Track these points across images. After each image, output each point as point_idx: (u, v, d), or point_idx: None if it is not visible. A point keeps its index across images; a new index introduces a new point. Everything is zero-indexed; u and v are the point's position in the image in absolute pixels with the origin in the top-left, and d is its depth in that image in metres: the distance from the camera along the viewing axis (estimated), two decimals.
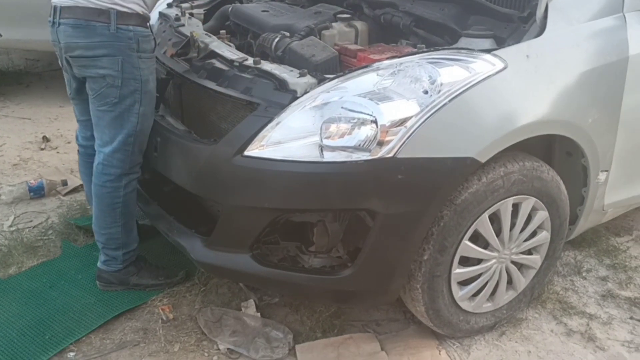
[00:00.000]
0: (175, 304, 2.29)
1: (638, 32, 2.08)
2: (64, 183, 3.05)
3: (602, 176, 2.21)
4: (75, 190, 3.06)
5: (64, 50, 2.06)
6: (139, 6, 2.01)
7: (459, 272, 2.00)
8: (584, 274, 2.55)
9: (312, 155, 1.79)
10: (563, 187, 2.11)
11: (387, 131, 1.74)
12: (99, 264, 2.31)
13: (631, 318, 2.31)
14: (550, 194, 2.06)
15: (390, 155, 1.74)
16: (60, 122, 3.93)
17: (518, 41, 1.93)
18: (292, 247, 1.99)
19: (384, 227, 1.81)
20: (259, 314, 2.23)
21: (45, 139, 3.64)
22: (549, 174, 2.04)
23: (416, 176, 1.78)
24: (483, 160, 1.82)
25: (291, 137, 1.81)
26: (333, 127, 1.78)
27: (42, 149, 3.54)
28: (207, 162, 1.91)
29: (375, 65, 1.88)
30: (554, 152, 2.20)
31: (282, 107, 1.84)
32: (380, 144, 1.74)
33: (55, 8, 2.03)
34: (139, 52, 2.01)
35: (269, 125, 1.82)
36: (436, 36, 2.16)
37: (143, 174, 2.52)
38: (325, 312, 2.26)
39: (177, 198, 2.38)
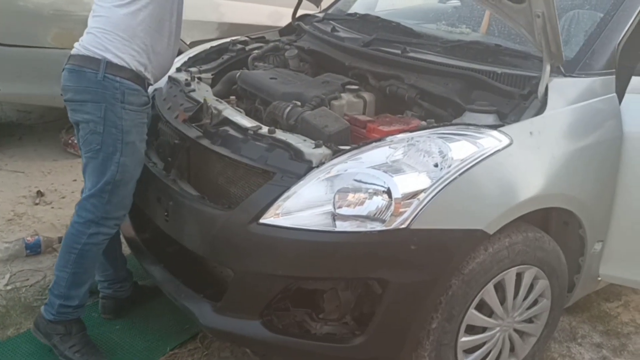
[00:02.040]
0: None
1: (631, 112, 2.19)
2: (61, 240, 3.02)
3: (597, 246, 2.29)
4: None
5: (62, 93, 2.15)
6: (134, 61, 2.08)
7: (465, 340, 2.04)
8: (579, 340, 2.60)
9: (325, 223, 1.84)
10: (563, 256, 2.18)
11: (400, 203, 1.80)
12: (43, 306, 2.27)
13: None
14: (551, 264, 2.13)
15: (404, 226, 1.80)
16: (54, 176, 3.92)
17: (519, 117, 2.03)
18: (303, 313, 2.01)
19: (395, 296, 1.85)
20: None
21: (40, 193, 3.63)
22: (550, 245, 2.12)
23: (428, 247, 1.84)
24: (491, 232, 1.89)
25: (306, 206, 1.86)
26: (346, 197, 1.84)
27: (37, 204, 3.52)
28: (222, 228, 1.95)
29: (388, 139, 1.96)
30: (551, 222, 2.28)
31: (298, 176, 1.89)
32: (394, 215, 1.80)
33: (68, 57, 2.15)
34: (124, 103, 2.07)
35: (285, 194, 1.87)
36: (440, 109, 2.26)
37: (142, 233, 2.56)
38: None
39: (181, 259, 2.40)
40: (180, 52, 3.79)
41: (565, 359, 2.48)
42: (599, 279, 2.42)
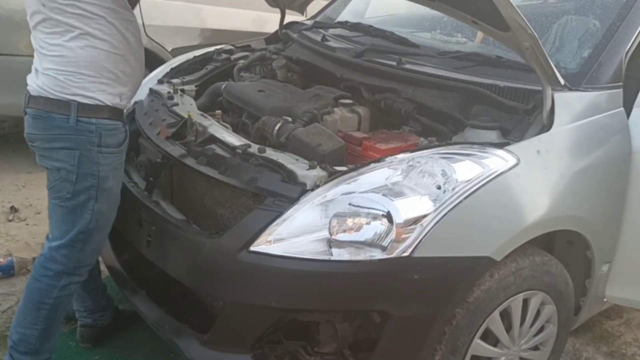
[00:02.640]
0: None
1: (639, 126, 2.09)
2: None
3: (605, 267, 2.19)
4: None
5: (27, 140, 1.92)
6: (107, 95, 1.86)
7: None
8: None
9: (321, 250, 1.71)
10: (570, 280, 2.07)
11: (402, 229, 1.67)
12: None
13: None
14: (558, 288, 2.02)
15: (406, 254, 1.67)
16: (28, 189, 3.73)
17: (523, 134, 1.92)
18: (297, 347, 1.87)
19: (397, 328, 1.73)
20: None
21: (14, 209, 3.44)
22: (557, 268, 2.01)
23: (433, 276, 1.71)
24: (499, 258, 1.77)
25: (300, 232, 1.73)
26: (344, 222, 1.71)
27: (10, 220, 3.34)
28: (209, 256, 1.80)
29: (388, 159, 1.83)
30: (554, 243, 2.17)
31: (291, 200, 1.76)
32: (396, 241, 1.67)
33: (26, 96, 1.90)
34: (100, 147, 1.86)
35: (278, 220, 1.74)
36: (439, 124, 2.14)
37: (122, 255, 2.40)
38: None
39: (163, 283, 2.25)
40: (162, 60, 3.67)
41: None
42: (605, 300, 2.32)
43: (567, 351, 2.55)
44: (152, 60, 3.68)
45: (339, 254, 1.70)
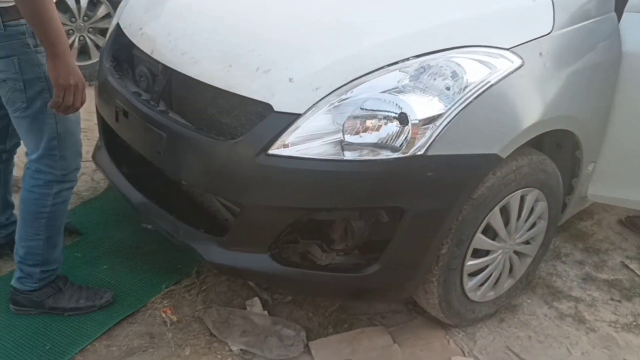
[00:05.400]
0: (176, 305, 2.21)
1: (630, 30, 2.18)
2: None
3: (590, 167, 2.33)
4: None
5: None
6: None
7: (471, 264, 2.06)
8: (563, 259, 2.69)
9: (335, 153, 1.77)
10: (560, 179, 2.20)
11: (418, 128, 1.75)
12: (13, 282, 2.10)
13: (612, 299, 2.47)
14: (551, 186, 2.15)
15: (421, 152, 1.75)
16: None
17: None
18: (312, 245, 1.96)
19: (411, 224, 1.82)
20: (266, 312, 2.19)
21: None
22: (551, 167, 2.13)
23: (445, 173, 1.80)
24: (504, 155, 1.87)
25: (315, 136, 1.78)
26: (357, 124, 1.77)
27: None
28: (227, 161, 1.84)
29: (400, 62, 1.87)
30: (544, 144, 2.29)
31: (306, 105, 1.80)
32: (411, 141, 1.75)
33: None
34: (37, 47, 1.82)
35: (293, 125, 1.78)
36: None
37: (121, 167, 2.41)
38: (330, 307, 2.26)
39: (166, 194, 2.30)
40: None
41: (552, 277, 2.56)
42: (587, 198, 2.48)
43: (548, 249, 2.73)
44: None
45: (352, 156, 1.76)
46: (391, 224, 1.86)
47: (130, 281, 2.28)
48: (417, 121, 1.74)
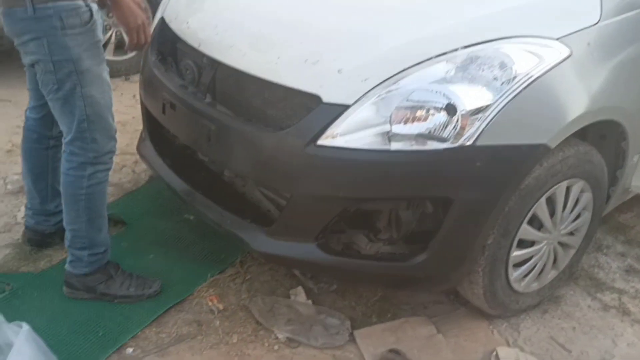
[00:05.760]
0: (221, 294, 2.25)
1: None
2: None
3: (635, 158, 2.31)
4: None
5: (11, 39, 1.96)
6: None
7: (516, 254, 2.06)
8: (604, 251, 2.67)
9: (384, 143, 1.79)
10: (606, 169, 2.19)
11: (466, 119, 1.75)
12: (66, 265, 2.16)
13: None
14: (596, 177, 2.14)
15: (470, 143, 1.76)
16: None
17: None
18: (359, 235, 1.98)
19: (459, 214, 1.83)
20: (310, 302, 2.22)
21: None
22: (596, 158, 2.12)
23: (493, 163, 1.81)
24: (553, 146, 1.87)
25: (363, 126, 1.80)
26: (405, 115, 1.78)
27: None
28: (276, 151, 1.87)
29: (448, 54, 1.87)
30: (587, 135, 2.27)
31: (354, 96, 1.81)
32: (459, 131, 1.75)
33: None
34: (65, 30, 1.86)
35: (342, 116, 1.80)
36: None
37: (165, 158, 2.45)
38: (373, 297, 2.28)
39: (211, 184, 2.33)
40: None
41: (595, 269, 2.55)
42: (631, 190, 2.46)
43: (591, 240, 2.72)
44: None
45: (400, 146, 1.78)
46: (438, 214, 1.87)
47: (177, 270, 2.32)
48: (465, 112, 1.75)
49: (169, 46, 2.46)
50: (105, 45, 3.96)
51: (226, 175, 2.39)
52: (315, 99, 1.84)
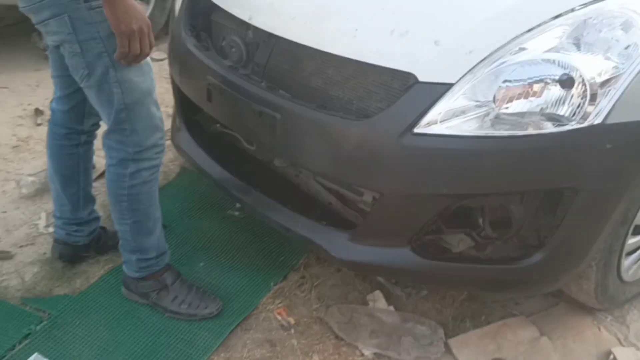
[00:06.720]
0: (290, 305, 1.97)
1: None
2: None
3: None
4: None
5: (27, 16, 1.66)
6: None
7: (631, 242, 1.81)
8: None
9: (495, 129, 1.49)
10: None
11: (595, 92, 1.46)
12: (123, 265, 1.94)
13: None
14: None
15: (599, 121, 1.47)
16: (43, 88, 3.31)
17: None
18: (461, 235, 1.69)
19: (584, 206, 1.55)
20: (392, 308, 1.95)
21: (38, 111, 3.08)
22: None
23: (626, 144, 1.52)
24: None
25: (469, 109, 1.50)
26: (518, 92, 1.49)
27: (39, 124, 2.99)
28: (363, 143, 1.57)
29: (564, 15, 1.56)
30: None
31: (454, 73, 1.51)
32: (586, 109, 1.47)
33: None
34: (89, 2, 1.54)
35: (446, 96, 1.49)
36: None
37: (208, 151, 2.13)
38: (459, 297, 2.01)
39: (268, 183, 2.02)
40: None
41: None
42: None
43: None
44: None
45: (513, 131, 1.49)
46: (555, 207, 1.59)
47: (234, 280, 2.03)
48: (591, 84, 1.46)
49: (203, 20, 2.12)
50: None
51: (276, 165, 2.09)
52: (408, 77, 1.54)
